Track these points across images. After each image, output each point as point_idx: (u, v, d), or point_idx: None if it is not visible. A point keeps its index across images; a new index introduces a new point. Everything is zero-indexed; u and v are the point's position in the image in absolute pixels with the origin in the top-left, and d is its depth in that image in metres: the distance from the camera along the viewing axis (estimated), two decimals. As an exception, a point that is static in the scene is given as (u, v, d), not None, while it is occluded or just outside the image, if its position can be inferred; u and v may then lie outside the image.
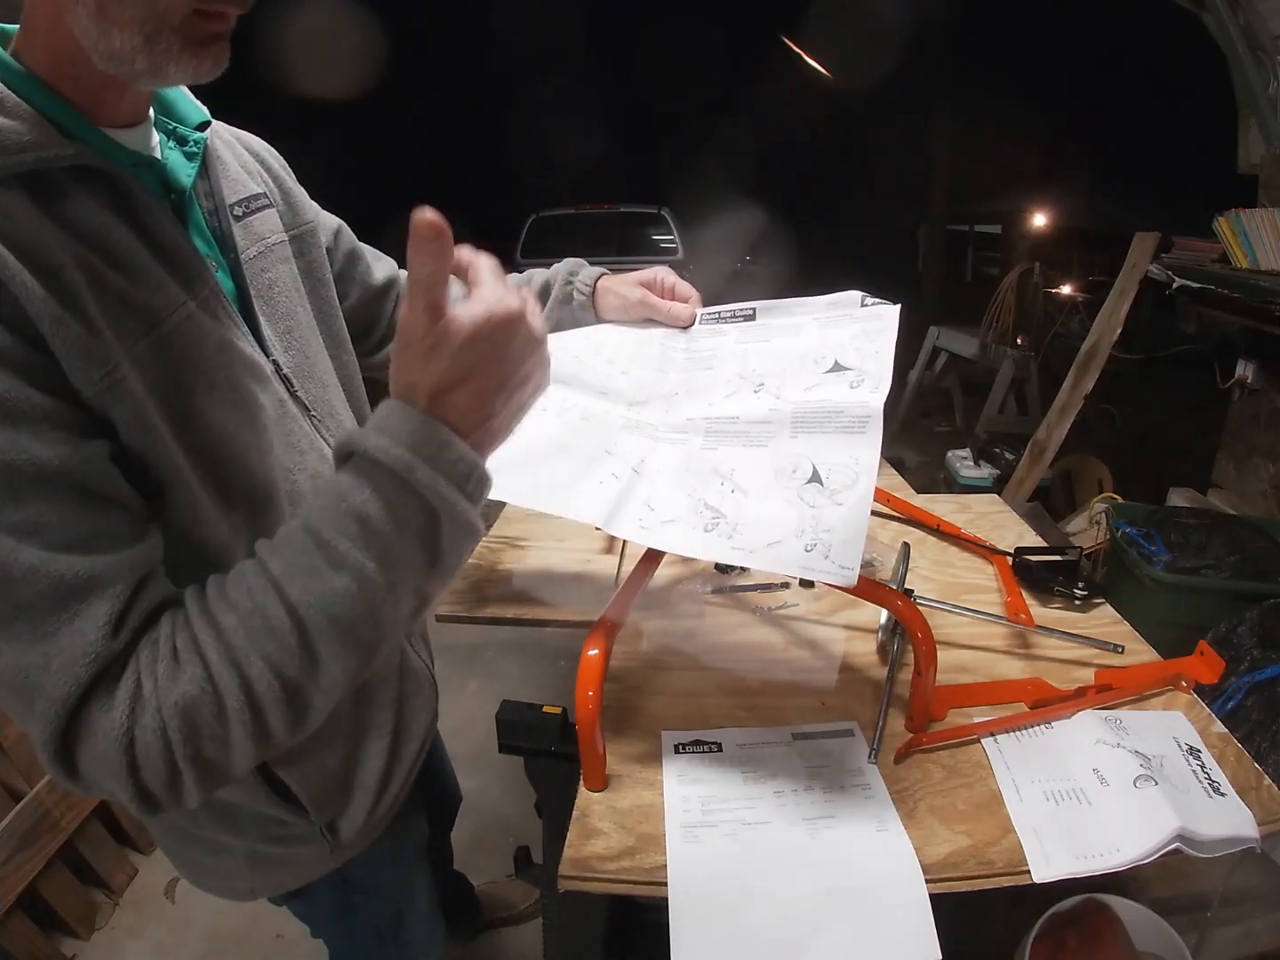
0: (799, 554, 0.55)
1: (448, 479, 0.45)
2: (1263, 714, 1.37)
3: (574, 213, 6.05)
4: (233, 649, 0.44)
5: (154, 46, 0.45)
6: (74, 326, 0.45)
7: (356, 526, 0.44)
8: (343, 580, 0.44)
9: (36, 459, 0.42)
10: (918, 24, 7.24)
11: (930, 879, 0.62)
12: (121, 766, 0.43)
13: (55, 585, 0.42)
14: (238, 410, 0.56)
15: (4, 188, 0.44)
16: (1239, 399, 2.56)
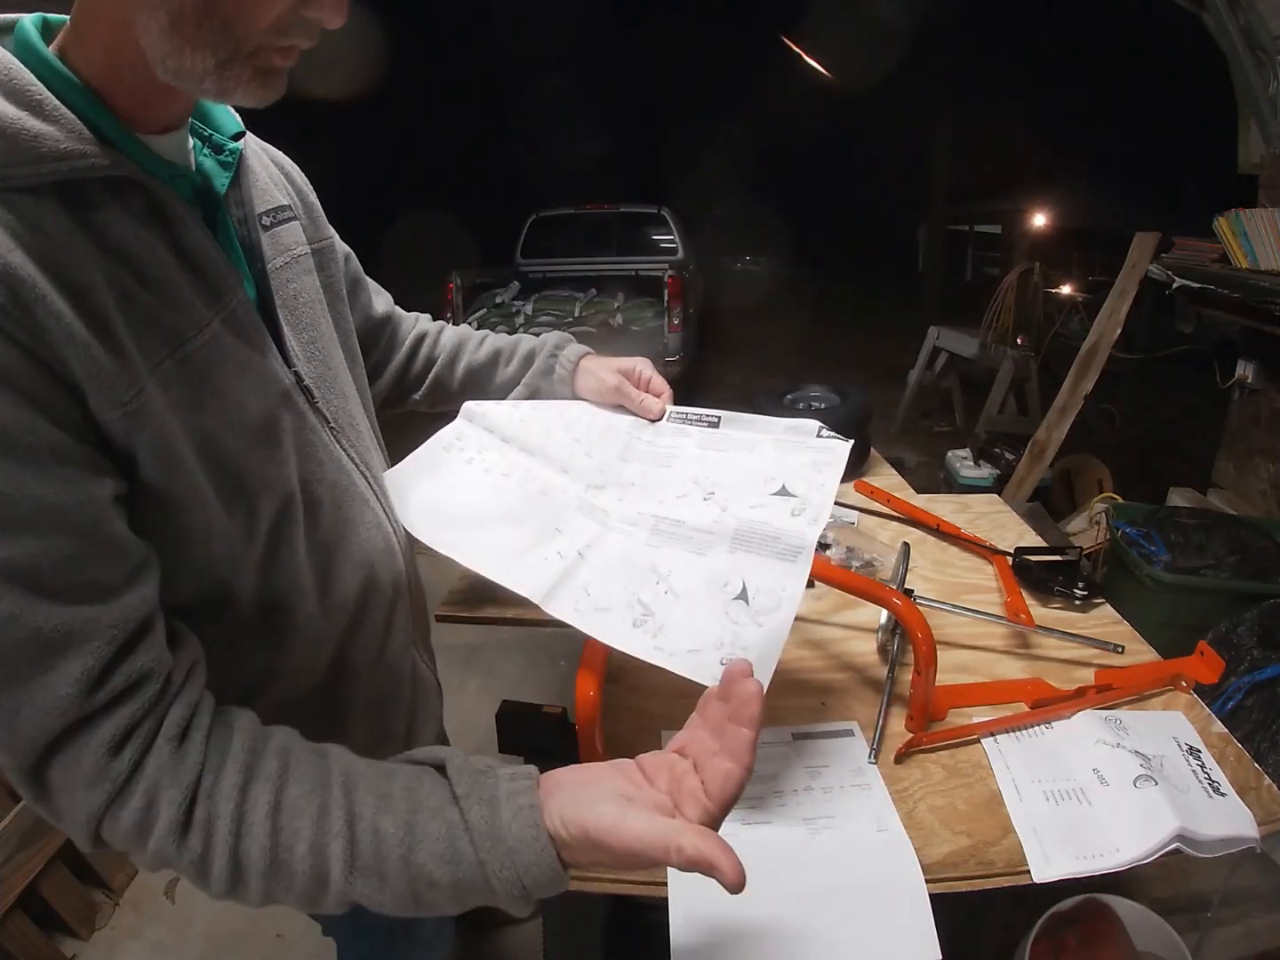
0: (714, 665, 0.57)
1: (529, 904, 0.46)
2: (1263, 714, 1.37)
3: (574, 213, 6.03)
4: (245, 858, 0.45)
5: (225, 72, 0.45)
6: (101, 351, 0.44)
7: (425, 888, 0.46)
8: (380, 897, 0.46)
9: (35, 496, 0.42)
10: (918, 24, 7.24)
11: (930, 879, 0.63)
12: (84, 829, 0.44)
13: (33, 635, 0.42)
14: (254, 427, 0.55)
15: (37, 198, 0.44)
16: (1239, 399, 2.56)
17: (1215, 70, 2.36)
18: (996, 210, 9.53)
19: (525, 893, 0.45)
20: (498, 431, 0.77)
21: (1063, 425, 2.69)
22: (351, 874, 0.45)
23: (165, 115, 0.52)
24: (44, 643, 0.42)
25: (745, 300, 8.99)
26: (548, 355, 0.88)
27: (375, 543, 0.67)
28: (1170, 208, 4.11)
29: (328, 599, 0.63)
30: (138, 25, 0.43)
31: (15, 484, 0.41)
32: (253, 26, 0.43)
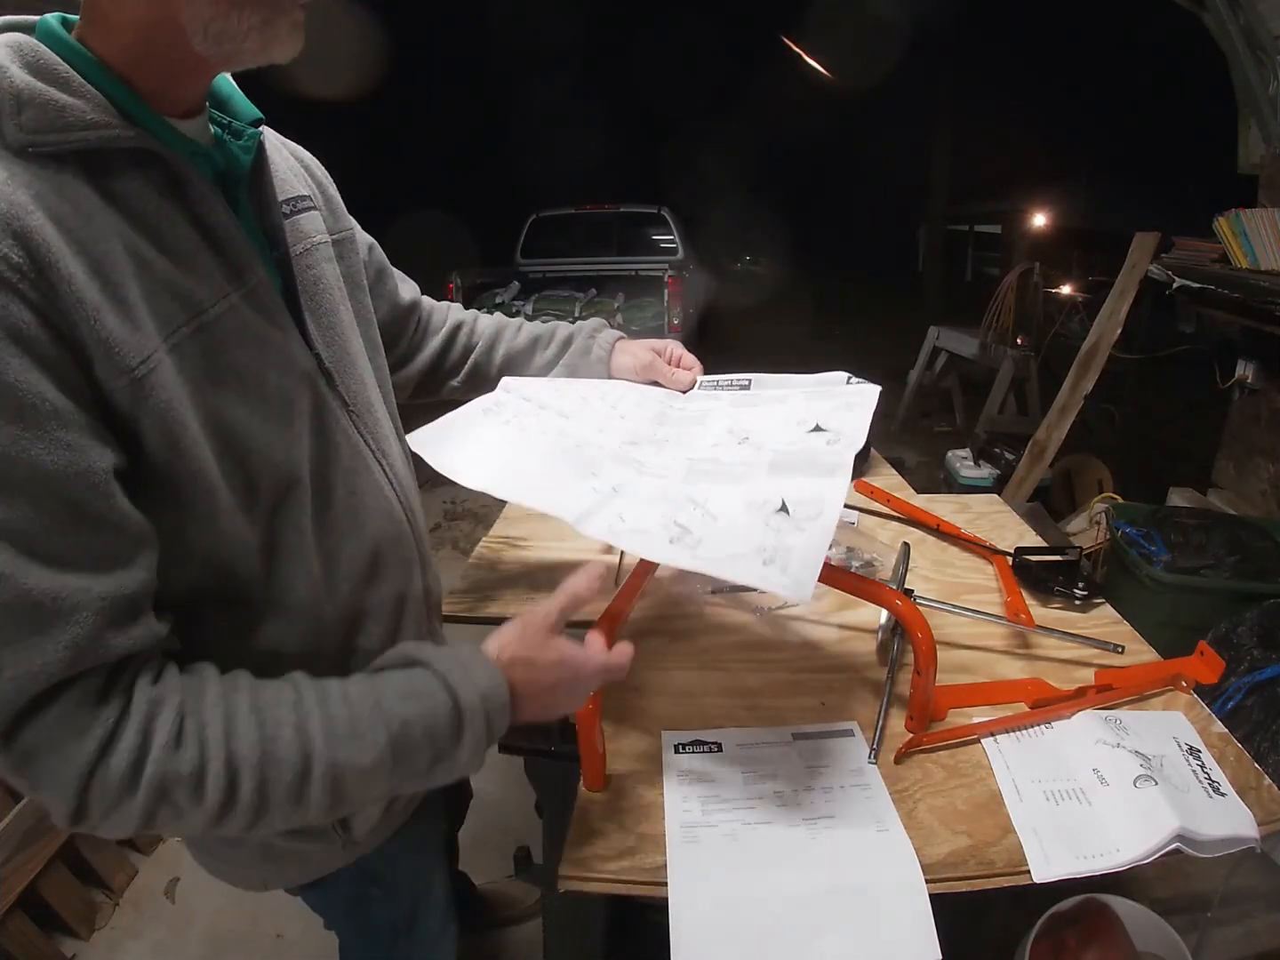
0: (757, 566, 0.58)
1: (487, 733, 0.54)
2: (1263, 714, 1.37)
3: (574, 213, 6.03)
4: (236, 757, 0.47)
5: (268, 28, 0.49)
6: (112, 317, 0.45)
7: (395, 728, 0.50)
8: (361, 758, 0.50)
9: (34, 460, 0.42)
10: (918, 24, 7.24)
11: (930, 879, 0.62)
12: (74, 785, 0.44)
13: (22, 597, 0.42)
14: (270, 404, 0.56)
15: (60, 165, 0.45)
16: (1239, 399, 2.56)
17: (1215, 70, 2.36)
18: (996, 210, 9.54)
19: (486, 711, 0.53)
20: (535, 400, 0.79)
21: (1063, 425, 2.69)
22: (333, 742, 0.49)
23: (186, 98, 0.53)
24: (33, 606, 0.42)
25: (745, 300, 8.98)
26: (586, 337, 0.92)
27: (388, 530, 0.68)
28: (1170, 208, 4.11)
29: (336, 584, 0.63)
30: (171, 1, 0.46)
31: (16, 447, 0.41)
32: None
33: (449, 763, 0.54)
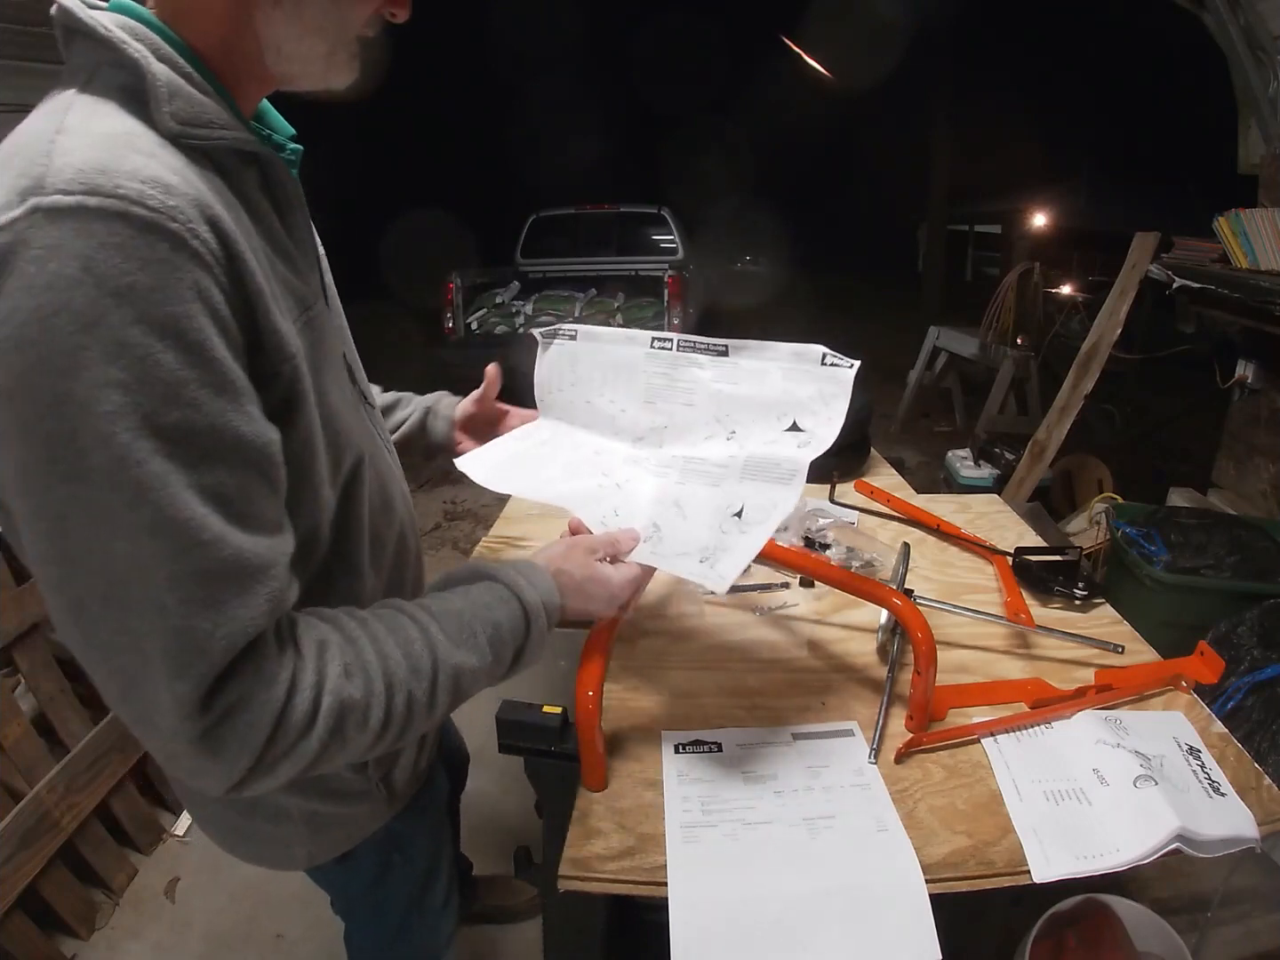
0: (694, 564, 0.68)
1: (546, 631, 0.64)
2: (1263, 714, 1.37)
3: (574, 213, 6.02)
4: (392, 676, 0.53)
5: (332, 56, 0.53)
6: (274, 306, 0.48)
7: (489, 631, 0.59)
8: (471, 658, 0.58)
9: (236, 432, 0.45)
10: (918, 24, 7.24)
11: (930, 879, 0.62)
12: (263, 735, 0.46)
13: (235, 558, 0.44)
14: (342, 391, 0.62)
15: (203, 160, 0.47)
16: (1239, 399, 2.56)
17: (1215, 70, 2.36)
18: (996, 210, 9.54)
19: (546, 612, 0.63)
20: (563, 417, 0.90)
21: (1063, 425, 2.69)
22: (450, 649, 0.56)
23: (248, 108, 0.55)
24: (240, 566, 0.45)
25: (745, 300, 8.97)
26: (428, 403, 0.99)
27: (404, 514, 0.75)
28: (1170, 208, 4.11)
29: (377, 556, 0.69)
30: (260, 15, 0.49)
31: (223, 419, 0.44)
32: (357, 19, 0.52)
33: (525, 656, 0.63)
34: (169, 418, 0.41)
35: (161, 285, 0.40)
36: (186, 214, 0.42)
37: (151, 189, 0.41)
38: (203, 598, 0.43)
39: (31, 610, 1.43)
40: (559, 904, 0.97)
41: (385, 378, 0.83)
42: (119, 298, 0.39)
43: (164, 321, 0.41)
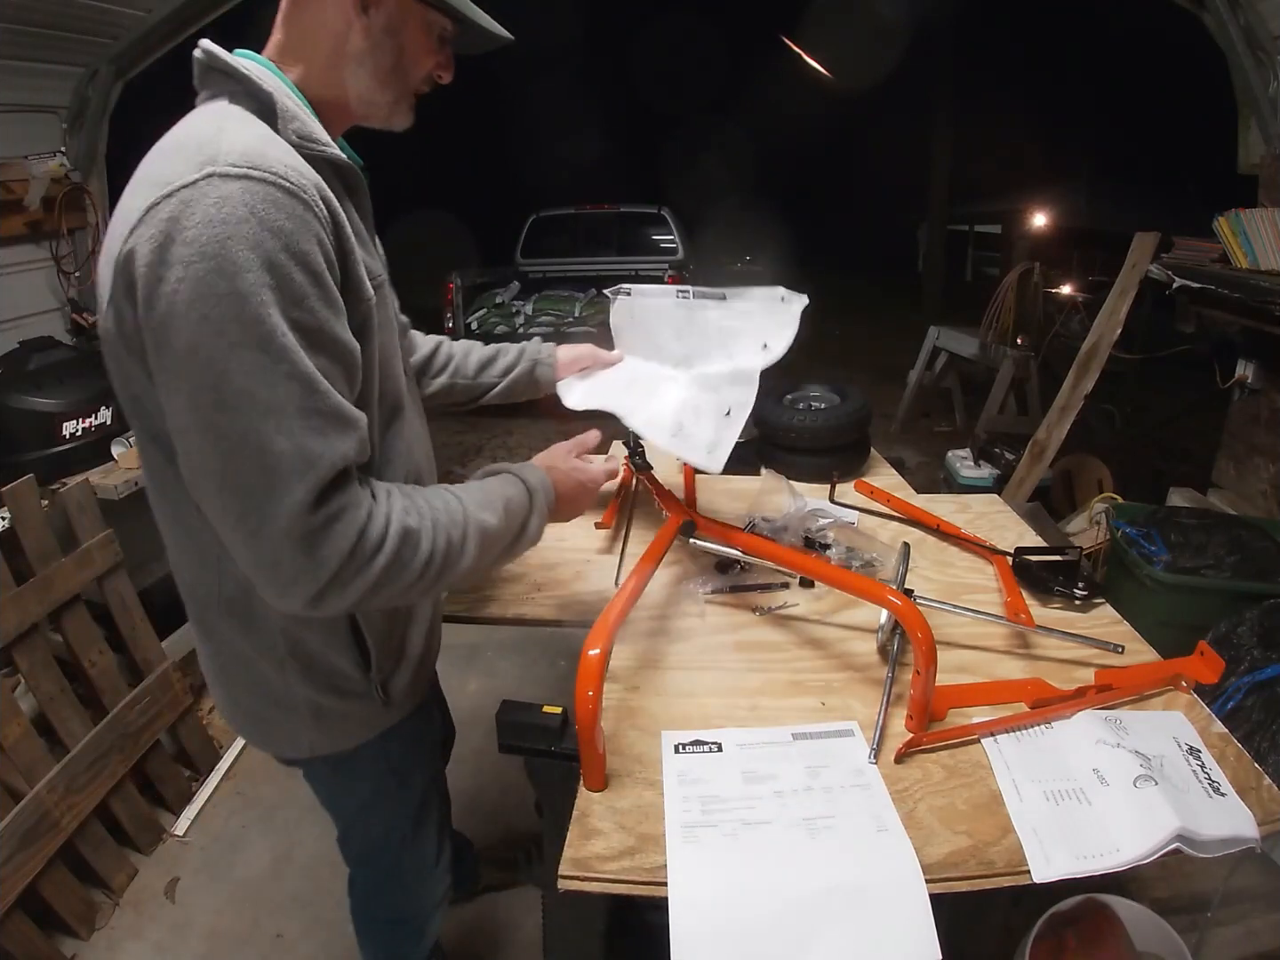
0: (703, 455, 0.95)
1: (545, 508, 0.85)
2: (1263, 714, 1.37)
3: (574, 213, 6.02)
4: (438, 522, 0.71)
5: (397, 105, 0.76)
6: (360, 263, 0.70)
7: (504, 502, 0.79)
8: (491, 520, 0.76)
9: (335, 334, 0.64)
10: (918, 24, 7.24)
11: (930, 879, 0.62)
12: (349, 543, 0.63)
13: (338, 407, 0.63)
14: (396, 350, 0.81)
15: (313, 163, 0.67)
16: (1239, 399, 2.56)
17: (1215, 70, 2.36)
18: (996, 210, 9.52)
19: (544, 493, 0.84)
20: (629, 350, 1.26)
21: (1063, 425, 2.69)
22: (476, 509, 0.75)
23: (334, 135, 0.76)
24: (343, 414, 0.64)
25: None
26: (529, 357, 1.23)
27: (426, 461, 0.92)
28: (1170, 208, 4.10)
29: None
30: (347, 73, 0.72)
31: (329, 324, 0.63)
32: (415, 78, 0.76)
33: (529, 526, 0.82)
34: (297, 314, 0.60)
35: (298, 230, 0.60)
36: (311, 191, 0.62)
37: (291, 173, 0.61)
38: (318, 427, 0.61)
39: (32, 610, 1.43)
40: (559, 904, 0.97)
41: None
42: (273, 233, 0.58)
43: (298, 253, 0.60)
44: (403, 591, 0.69)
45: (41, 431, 1.85)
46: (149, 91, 2.63)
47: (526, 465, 0.86)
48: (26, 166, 2.26)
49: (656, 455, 1.47)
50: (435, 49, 0.75)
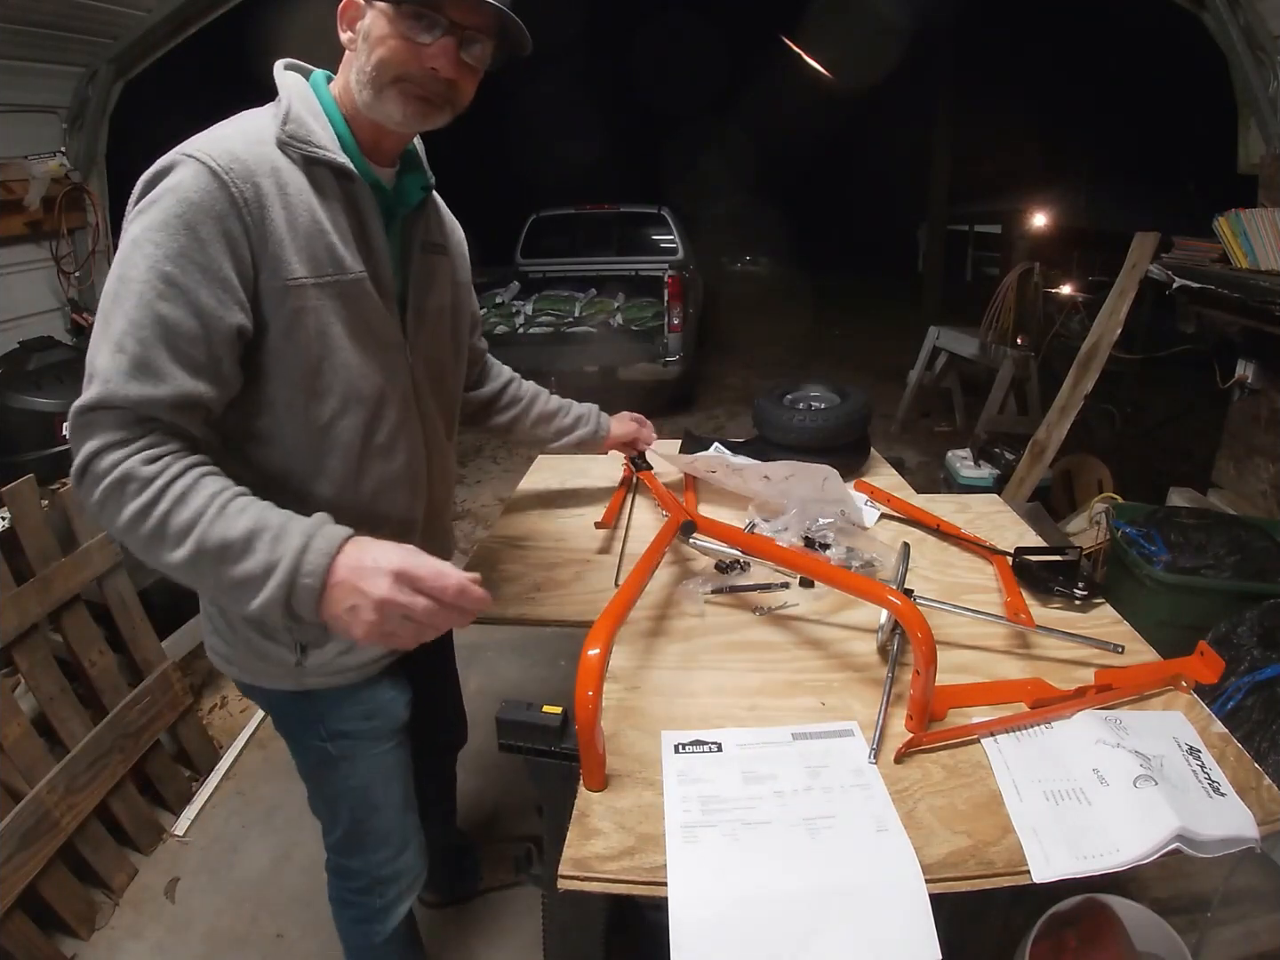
0: None
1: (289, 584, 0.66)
2: (1263, 714, 1.37)
3: (574, 213, 6.02)
4: (171, 495, 0.67)
5: (379, 96, 0.78)
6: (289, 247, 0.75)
7: (251, 537, 0.67)
8: (231, 536, 0.67)
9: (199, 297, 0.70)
10: (918, 24, 7.24)
11: (930, 879, 0.62)
12: (90, 452, 0.67)
13: (148, 359, 0.68)
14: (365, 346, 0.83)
15: (297, 159, 0.77)
16: (1239, 399, 2.56)
17: (1215, 70, 2.36)
18: (996, 210, 9.52)
19: (298, 565, 0.66)
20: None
21: (1063, 425, 2.69)
22: (225, 524, 0.67)
23: (383, 154, 0.86)
24: (149, 365, 0.68)
25: (745, 300, 8.97)
26: (593, 422, 1.35)
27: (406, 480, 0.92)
28: (1170, 208, 4.10)
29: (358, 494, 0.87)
30: (349, 80, 0.80)
31: (195, 284, 0.70)
32: (390, 70, 0.77)
33: (249, 589, 0.67)
34: (168, 267, 0.69)
35: (203, 203, 0.70)
36: (235, 174, 0.72)
37: (227, 158, 0.72)
38: (123, 365, 0.67)
39: (31, 610, 1.43)
40: (559, 904, 0.97)
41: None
42: (179, 201, 0.70)
43: (190, 221, 0.70)
44: (123, 535, 0.69)
45: (41, 431, 1.86)
46: (149, 91, 2.63)
47: (322, 531, 0.68)
48: (26, 166, 2.27)
49: (656, 455, 1.47)
50: (404, 36, 0.75)
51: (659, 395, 4.89)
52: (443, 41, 0.76)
